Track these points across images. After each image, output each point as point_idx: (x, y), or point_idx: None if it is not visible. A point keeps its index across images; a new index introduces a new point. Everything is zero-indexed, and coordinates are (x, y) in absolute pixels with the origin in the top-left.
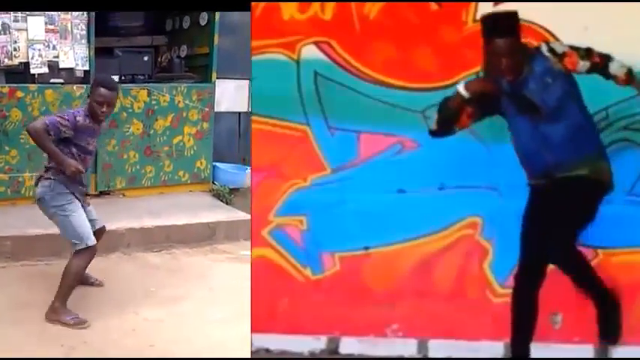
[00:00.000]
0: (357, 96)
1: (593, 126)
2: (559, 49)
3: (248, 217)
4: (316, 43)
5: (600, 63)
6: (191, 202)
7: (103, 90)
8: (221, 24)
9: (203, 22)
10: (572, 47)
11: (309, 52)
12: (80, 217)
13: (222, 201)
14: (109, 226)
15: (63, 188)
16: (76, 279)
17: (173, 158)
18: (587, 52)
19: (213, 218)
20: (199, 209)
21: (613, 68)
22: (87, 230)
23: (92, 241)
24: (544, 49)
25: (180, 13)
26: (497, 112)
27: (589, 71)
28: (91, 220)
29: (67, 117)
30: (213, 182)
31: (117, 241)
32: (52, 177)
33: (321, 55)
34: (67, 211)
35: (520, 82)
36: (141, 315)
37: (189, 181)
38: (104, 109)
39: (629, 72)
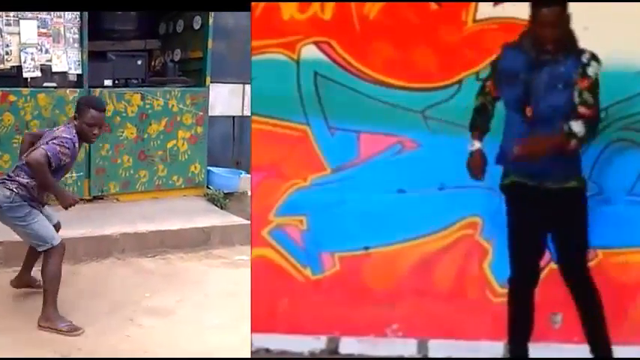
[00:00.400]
0: (357, 96)
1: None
2: (592, 70)
3: (243, 221)
4: (316, 43)
5: (582, 114)
6: (185, 206)
7: (94, 112)
8: (215, 28)
9: (197, 26)
10: (595, 82)
11: (309, 52)
12: (40, 222)
13: (216, 205)
14: (102, 231)
15: (22, 201)
16: (56, 281)
17: (167, 163)
18: (591, 104)
19: (207, 223)
20: (194, 214)
21: (575, 126)
22: (49, 231)
23: (57, 239)
24: (585, 56)
25: (174, 16)
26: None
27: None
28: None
29: (66, 145)
30: (207, 187)
31: (111, 246)
32: (14, 190)
33: (321, 55)
34: (26, 221)
35: (542, 64)
36: (135, 321)
37: (183, 186)
38: (96, 132)
39: (578, 141)
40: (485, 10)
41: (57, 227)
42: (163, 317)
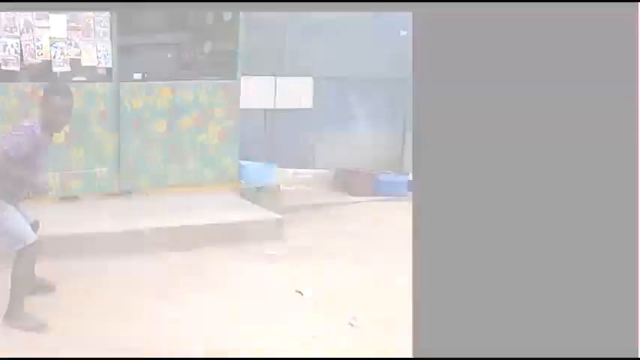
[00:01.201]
0: None
1: None
2: None
3: (275, 216)
4: None
5: None
6: (217, 201)
7: (58, 99)
8: (246, 20)
9: (227, 18)
10: None
11: None
12: (14, 219)
13: (248, 200)
14: (133, 226)
15: None
16: (24, 286)
17: (198, 157)
18: None
19: (239, 218)
20: (225, 208)
21: None
22: (24, 229)
23: (32, 238)
24: None
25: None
26: None
27: None
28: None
29: (24, 132)
30: (239, 181)
31: (141, 241)
32: None
33: None
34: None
35: None
36: (167, 316)
37: (214, 180)
38: (62, 119)
39: None
40: None
41: (35, 227)
42: (195, 312)
